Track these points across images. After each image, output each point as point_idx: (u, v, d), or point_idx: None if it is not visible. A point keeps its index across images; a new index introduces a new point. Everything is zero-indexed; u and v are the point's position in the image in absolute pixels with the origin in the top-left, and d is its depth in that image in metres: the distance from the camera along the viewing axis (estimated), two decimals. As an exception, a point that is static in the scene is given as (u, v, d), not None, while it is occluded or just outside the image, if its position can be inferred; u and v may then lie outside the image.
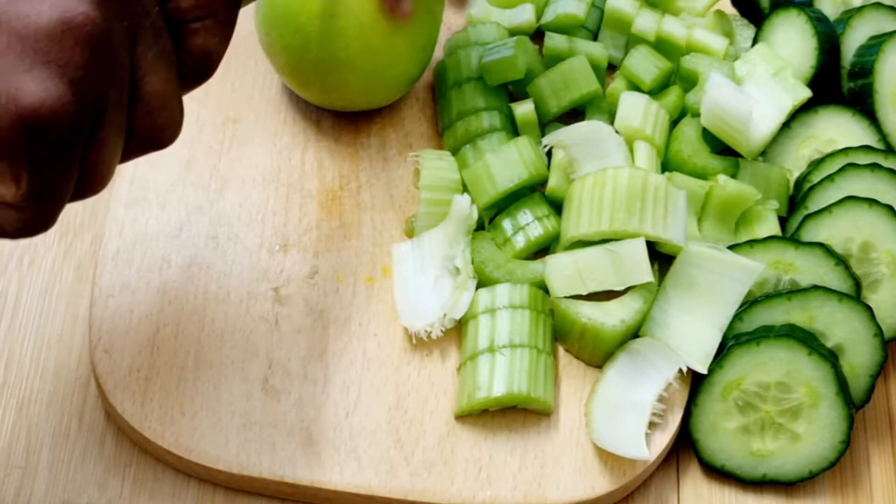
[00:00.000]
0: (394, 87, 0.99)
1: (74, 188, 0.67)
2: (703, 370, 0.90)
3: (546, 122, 1.01)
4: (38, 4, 0.64)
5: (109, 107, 0.66)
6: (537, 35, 1.06)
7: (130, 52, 0.68)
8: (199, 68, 0.74)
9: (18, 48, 0.63)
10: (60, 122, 0.63)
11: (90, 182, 0.68)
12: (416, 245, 0.94)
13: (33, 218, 0.66)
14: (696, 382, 0.91)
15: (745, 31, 1.07)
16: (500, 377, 0.88)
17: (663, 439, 0.90)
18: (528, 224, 0.95)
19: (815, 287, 0.91)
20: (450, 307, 0.91)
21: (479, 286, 0.93)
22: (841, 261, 0.92)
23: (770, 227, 0.96)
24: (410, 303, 0.92)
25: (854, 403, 0.91)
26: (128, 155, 0.71)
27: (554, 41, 1.02)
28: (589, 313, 0.90)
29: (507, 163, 0.95)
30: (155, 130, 0.71)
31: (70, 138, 0.64)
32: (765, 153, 1.01)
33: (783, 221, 0.98)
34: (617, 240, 0.91)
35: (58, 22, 0.64)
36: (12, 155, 0.62)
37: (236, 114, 1.00)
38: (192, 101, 0.99)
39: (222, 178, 0.97)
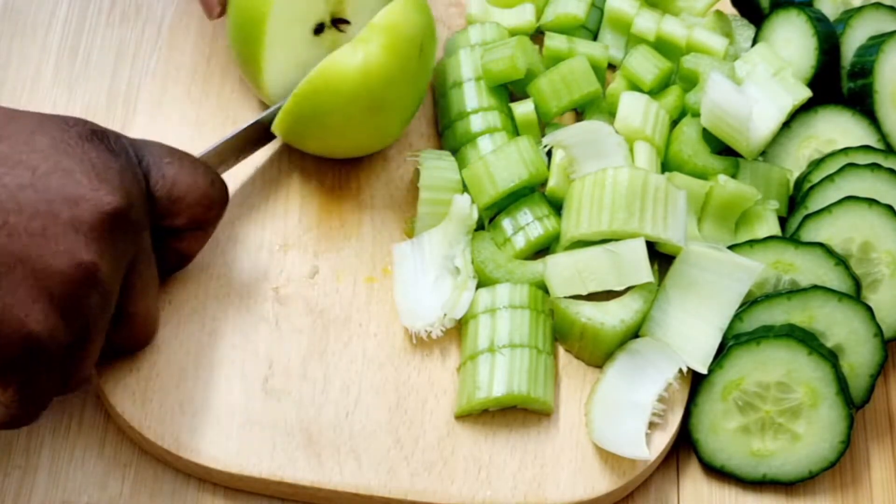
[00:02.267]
0: (392, 133, 0.99)
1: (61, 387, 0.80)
2: (703, 370, 0.90)
3: (546, 123, 1.00)
4: (56, 247, 0.76)
5: (96, 333, 0.79)
6: (537, 35, 1.06)
7: (123, 281, 0.81)
8: (179, 264, 0.91)
9: (31, 282, 0.75)
10: (54, 347, 0.76)
11: (73, 384, 0.81)
12: (416, 245, 0.94)
13: (19, 415, 0.79)
14: (696, 382, 0.91)
15: (745, 31, 1.07)
16: (500, 377, 0.88)
17: (663, 439, 0.90)
18: (528, 224, 0.95)
19: (815, 287, 0.91)
20: (450, 307, 0.91)
21: (479, 286, 0.93)
22: (841, 261, 0.92)
23: (770, 227, 0.96)
24: (410, 303, 0.92)
25: (854, 403, 0.91)
26: (103, 358, 0.86)
27: (554, 41, 1.02)
28: (589, 313, 0.90)
29: (507, 162, 0.95)
30: (133, 342, 0.88)
31: (58, 359, 0.77)
32: (765, 153, 1.01)
33: (783, 221, 0.98)
34: (617, 240, 0.91)
35: (70, 269, 0.76)
36: (10, 366, 0.76)
37: (236, 114, 1.00)
38: (192, 103, 0.99)
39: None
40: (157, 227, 0.85)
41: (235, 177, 0.97)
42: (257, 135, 0.96)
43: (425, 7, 0.95)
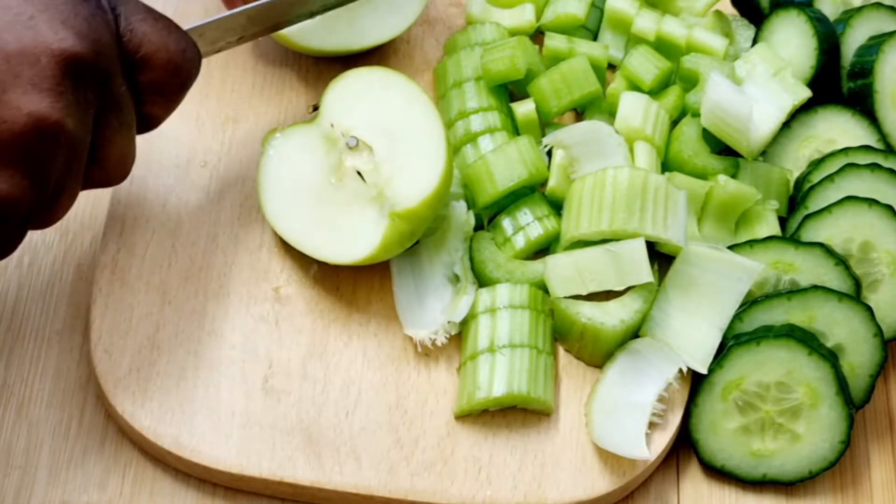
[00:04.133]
0: None
1: (36, 216, 0.79)
2: (703, 370, 0.90)
3: (547, 122, 1.00)
4: (16, 112, 0.74)
5: (69, 184, 0.78)
6: (537, 35, 1.06)
7: (95, 126, 0.79)
8: (146, 125, 0.86)
9: None
10: (21, 207, 0.75)
11: (49, 219, 0.80)
12: (414, 254, 0.94)
13: None
14: (696, 382, 0.91)
15: (745, 31, 1.07)
16: (500, 377, 0.88)
17: (663, 439, 0.90)
18: (529, 224, 0.95)
19: (815, 287, 0.91)
20: (450, 311, 0.91)
21: (479, 288, 0.93)
22: (841, 261, 0.92)
23: (770, 227, 0.96)
24: (412, 312, 0.92)
25: (854, 403, 0.91)
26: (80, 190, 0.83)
27: (554, 41, 1.02)
28: (589, 313, 0.90)
29: (507, 162, 0.95)
30: (108, 180, 0.84)
31: (26, 217, 0.77)
32: (765, 153, 1.01)
33: (783, 221, 0.98)
34: (617, 240, 0.91)
35: (30, 129, 0.74)
36: None
37: (236, 114, 1.00)
38: (192, 102, 0.99)
39: (222, 178, 0.97)
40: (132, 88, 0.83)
41: (236, 176, 0.97)
42: (249, 22, 0.93)
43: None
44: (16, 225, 0.77)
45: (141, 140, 0.88)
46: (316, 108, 0.94)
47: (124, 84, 0.81)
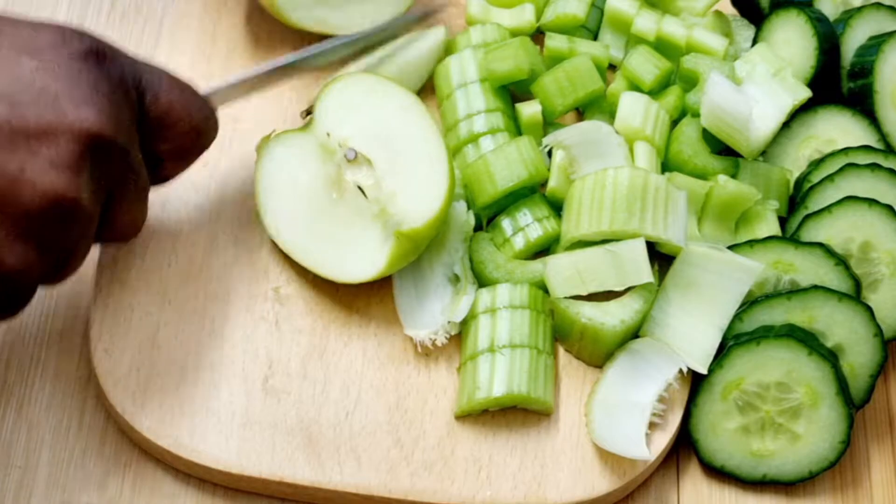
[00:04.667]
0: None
1: (46, 280, 0.80)
2: (703, 370, 0.90)
3: (550, 122, 1.00)
4: (33, 189, 0.74)
5: (78, 254, 0.79)
6: (537, 35, 1.06)
7: (109, 194, 0.80)
8: (159, 181, 0.88)
9: (8, 224, 0.74)
10: (31, 277, 0.77)
11: (59, 280, 0.81)
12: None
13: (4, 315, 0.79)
14: (696, 382, 0.91)
15: (744, 31, 1.07)
16: (500, 377, 0.88)
17: (663, 439, 0.90)
18: (528, 225, 0.95)
19: (815, 287, 0.91)
20: (449, 311, 0.91)
21: (478, 288, 0.93)
22: (841, 261, 0.92)
23: (770, 227, 0.96)
24: (412, 312, 0.92)
25: (854, 403, 0.91)
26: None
27: (555, 41, 1.02)
28: (589, 313, 0.90)
29: (507, 162, 0.95)
30: (120, 238, 0.85)
31: (35, 287, 0.78)
32: (765, 153, 1.01)
33: (783, 221, 0.98)
34: (617, 240, 0.91)
35: (47, 207, 0.75)
36: None
37: (236, 114, 1.00)
38: (192, 101, 0.99)
39: (222, 178, 0.97)
40: (146, 150, 0.84)
41: (236, 176, 0.97)
42: (264, 80, 0.95)
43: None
44: (25, 291, 0.78)
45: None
46: (309, 112, 0.94)
47: (140, 153, 0.82)
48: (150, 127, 0.83)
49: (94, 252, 0.95)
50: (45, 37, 0.78)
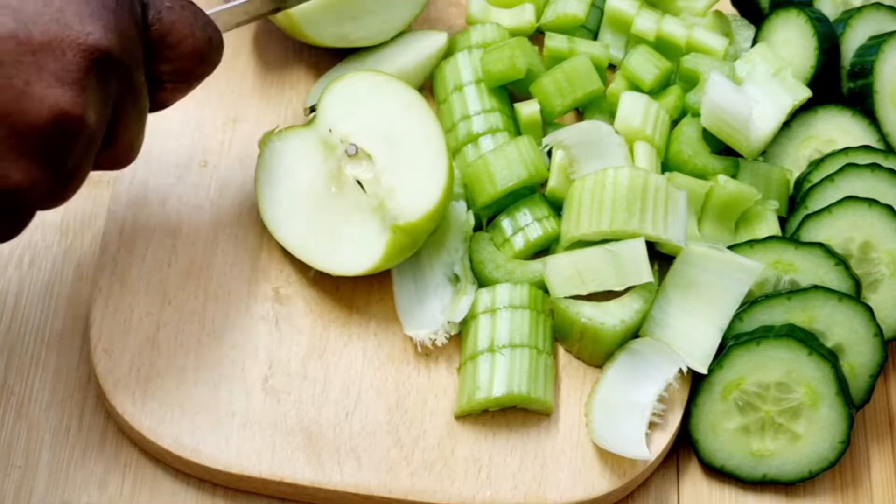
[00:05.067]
0: None
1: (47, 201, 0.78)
2: (703, 370, 0.90)
3: (549, 122, 1.00)
4: (39, 104, 0.73)
5: (82, 171, 0.77)
6: (537, 35, 1.06)
7: (113, 113, 0.79)
8: (158, 106, 0.86)
9: (13, 139, 0.73)
10: (34, 196, 0.76)
11: (59, 202, 0.79)
12: (414, 254, 0.94)
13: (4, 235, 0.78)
14: (696, 382, 0.91)
15: (745, 31, 1.07)
16: (500, 377, 0.88)
17: (663, 439, 0.90)
18: (528, 225, 0.95)
19: (815, 287, 0.91)
20: (449, 311, 0.91)
21: (478, 288, 0.93)
22: (841, 261, 0.92)
23: (770, 227, 0.96)
24: (412, 312, 0.92)
25: (854, 403, 0.91)
26: None
27: (554, 41, 1.02)
28: (589, 313, 0.90)
29: (506, 162, 0.95)
30: (116, 163, 0.82)
31: (37, 203, 0.77)
32: (765, 153, 1.01)
33: (783, 221, 0.98)
34: (617, 240, 0.91)
35: (52, 123, 0.74)
36: None
37: (236, 114, 1.00)
38: (193, 102, 0.99)
39: (222, 178, 0.97)
40: (148, 72, 0.82)
41: (236, 176, 0.97)
42: (267, 6, 0.94)
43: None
44: (26, 210, 0.77)
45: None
46: (313, 109, 0.94)
47: (143, 73, 0.81)
48: (152, 46, 0.81)
49: (95, 252, 0.95)
50: None
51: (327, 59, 1.03)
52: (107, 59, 0.75)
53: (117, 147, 0.81)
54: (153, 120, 0.99)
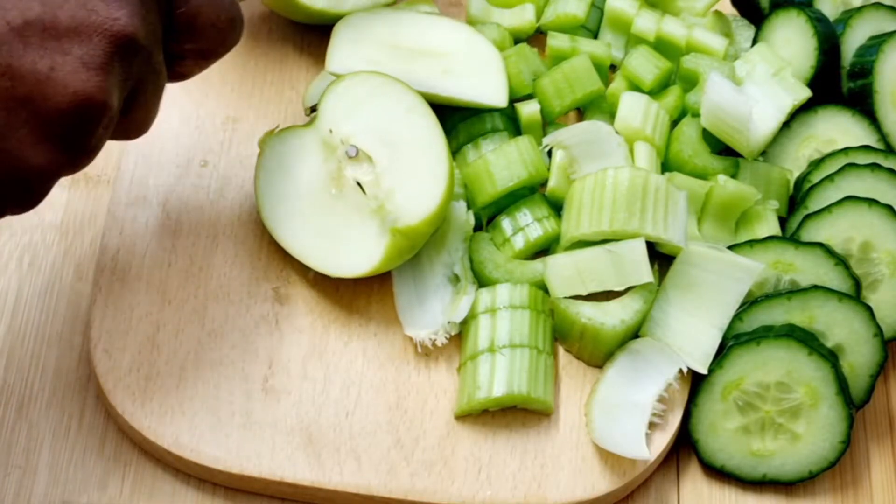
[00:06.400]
0: None
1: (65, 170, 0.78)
2: (703, 370, 0.90)
3: (550, 122, 1.00)
4: (63, 89, 0.73)
5: (98, 146, 0.77)
6: (537, 35, 1.06)
7: (131, 90, 0.78)
8: (177, 80, 0.85)
9: (35, 124, 0.73)
10: (55, 176, 0.76)
11: (74, 172, 0.79)
12: (414, 255, 0.94)
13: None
14: (695, 382, 0.91)
15: (745, 31, 1.07)
16: (500, 377, 0.88)
17: (663, 439, 0.90)
18: (528, 225, 0.95)
19: (815, 287, 0.91)
20: (450, 311, 0.91)
21: (478, 288, 0.93)
22: (841, 261, 0.92)
23: (770, 227, 0.96)
24: (412, 312, 0.92)
25: (854, 403, 0.91)
26: None
27: (557, 40, 1.02)
28: (589, 313, 0.90)
29: (507, 162, 0.95)
30: (128, 135, 0.83)
31: (53, 182, 0.77)
32: (765, 153, 1.01)
33: (783, 221, 0.98)
34: (617, 240, 0.91)
35: (75, 107, 0.73)
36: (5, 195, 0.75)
37: (236, 114, 1.00)
38: (192, 102, 0.99)
39: (222, 178, 0.97)
40: (168, 49, 0.83)
41: (236, 176, 0.97)
42: None
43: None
44: (44, 187, 0.77)
45: (141, 140, 0.88)
46: (314, 109, 0.94)
47: (162, 54, 0.81)
48: (176, 28, 0.81)
49: (95, 252, 0.95)
50: None
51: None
52: (131, 44, 0.75)
53: (132, 121, 0.81)
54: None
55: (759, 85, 1.00)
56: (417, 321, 0.92)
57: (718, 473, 0.91)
